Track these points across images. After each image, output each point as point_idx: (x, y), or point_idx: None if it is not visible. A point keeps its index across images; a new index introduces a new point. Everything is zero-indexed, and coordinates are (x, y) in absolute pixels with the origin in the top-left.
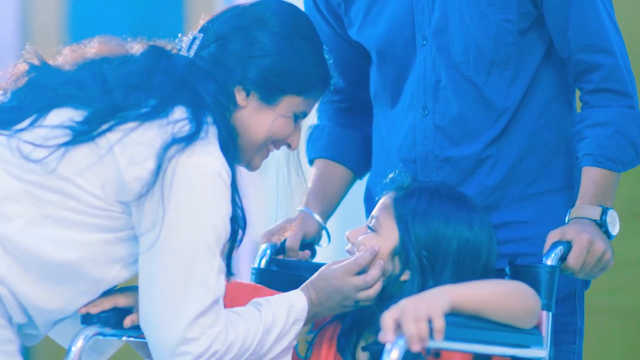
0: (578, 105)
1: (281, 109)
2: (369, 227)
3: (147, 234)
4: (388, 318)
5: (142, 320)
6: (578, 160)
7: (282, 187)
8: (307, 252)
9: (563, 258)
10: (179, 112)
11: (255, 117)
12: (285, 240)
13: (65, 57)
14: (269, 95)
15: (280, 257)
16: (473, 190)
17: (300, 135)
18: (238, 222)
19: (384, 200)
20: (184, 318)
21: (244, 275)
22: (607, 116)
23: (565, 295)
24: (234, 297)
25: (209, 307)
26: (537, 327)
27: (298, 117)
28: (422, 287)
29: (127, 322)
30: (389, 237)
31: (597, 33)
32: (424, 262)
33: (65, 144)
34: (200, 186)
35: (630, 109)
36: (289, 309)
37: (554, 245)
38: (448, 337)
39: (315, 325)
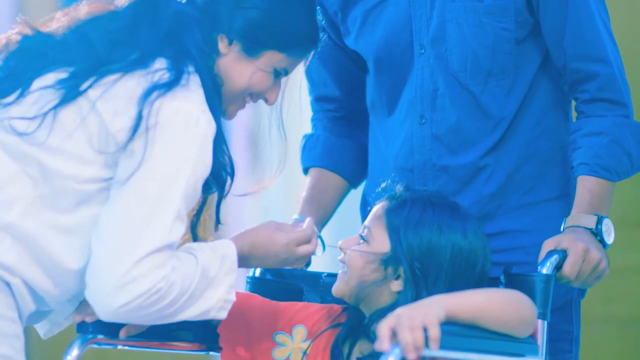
0: (574, 115)
1: (261, 63)
2: (361, 237)
3: (124, 173)
4: (384, 327)
5: (94, 249)
6: (573, 170)
7: (263, 142)
8: None
9: (558, 267)
10: (160, 63)
11: (235, 67)
12: None
13: (58, 22)
14: (252, 47)
15: None
16: (470, 199)
17: (279, 91)
18: (226, 170)
19: (376, 209)
20: (137, 253)
21: (239, 284)
22: (603, 125)
23: (562, 304)
24: None
25: (162, 248)
26: (533, 336)
27: (279, 74)
28: (416, 298)
29: (123, 333)
30: (381, 247)
31: (593, 43)
32: (417, 273)
33: (54, 107)
34: (178, 131)
35: (626, 119)
36: (222, 257)
37: (549, 254)
38: (444, 346)
39: (310, 334)
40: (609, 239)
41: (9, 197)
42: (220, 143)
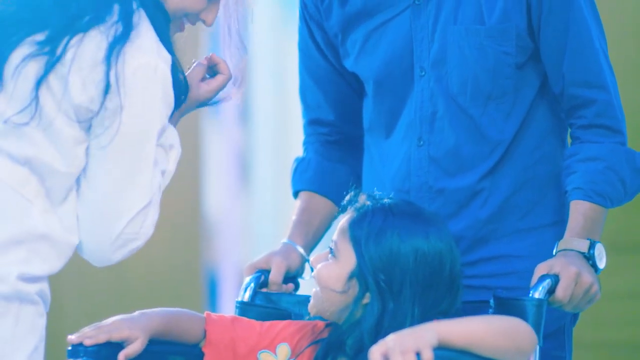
0: (569, 142)
1: None
2: (330, 251)
3: (99, 137)
4: (375, 352)
5: (84, 214)
6: (567, 194)
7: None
8: (291, 285)
9: (550, 291)
10: (113, 14)
11: None
12: (268, 274)
13: None
14: None
15: (264, 290)
16: (466, 222)
17: (216, 12)
18: (180, 88)
19: (341, 222)
20: (127, 215)
21: (229, 309)
22: (599, 151)
23: (555, 330)
24: (212, 333)
25: (148, 203)
26: None
27: None
28: (383, 310)
29: (121, 356)
30: (347, 261)
31: (592, 69)
32: (381, 284)
33: (37, 88)
34: (141, 87)
35: (622, 146)
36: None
37: (542, 278)
38: None
39: (294, 352)
40: (601, 263)
41: (29, 196)
42: (175, 69)
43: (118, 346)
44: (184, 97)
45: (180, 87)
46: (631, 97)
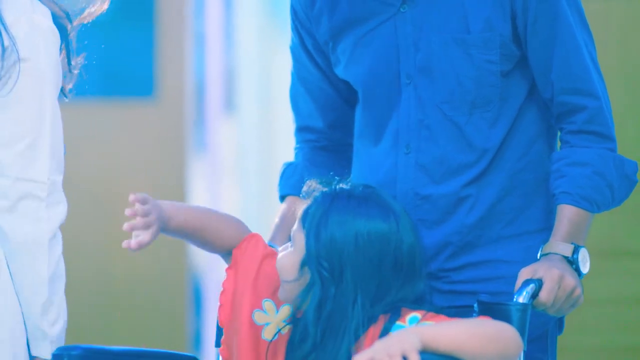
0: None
1: None
2: (289, 240)
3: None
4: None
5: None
6: (554, 197)
7: None
8: None
9: (534, 295)
10: None
11: None
12: None
13: None
14: None
15: None
16: (452, 228)
17: None
18: (62, 33)
19: (298, 211)
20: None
21: (215, 315)
22: (588, 156)
23: (539, 335)
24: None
25: (52, 178)
26: None
27: None
28: (324, 296)
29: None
30: (300, 249)
31: (580, 77)
32: (322, 271)
33: None
34: (31, 48)
35: (611, 152)
36: None
37: (526, 283)
38: None
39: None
40: (585, 268)
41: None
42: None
43: (103, 352)
44: (70, 25)
45: (62, 33)
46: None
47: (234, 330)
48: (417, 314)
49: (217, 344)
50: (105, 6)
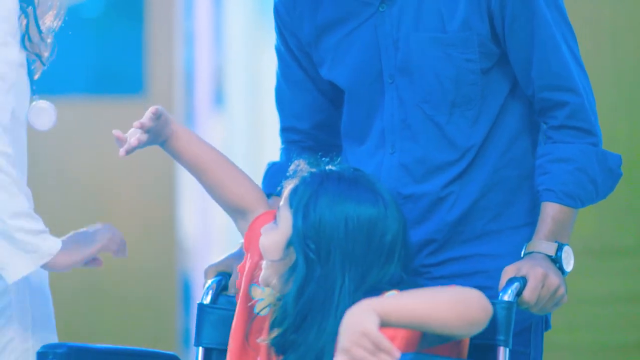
0: None
1: None
2: (274, 222)
3: None
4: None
5: None
6: (538, 194)
7: None
8: None
9: (519, 294)
10: None
11: None
12: (229, 277)
13: None
14: None
15: (224, 293)
16: (433, 226)
17: None
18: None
19: (285, 190)
20: None
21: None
22: (571, 152)
23: (521, 329)
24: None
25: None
26: None
27: None
28: (309, 276)
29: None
30: (286, 228)
31: (561, 74)
32: (308, 253)
33: None
34: None
35: (594, 147)
36: None
37: (510, 281)
38: None
39: None
40: (568, 266)
41: None
42: None
43: (87, 350)
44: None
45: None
46: (612, 100)
47: None
48: (393, 291)
49: (196, 343)
50: None
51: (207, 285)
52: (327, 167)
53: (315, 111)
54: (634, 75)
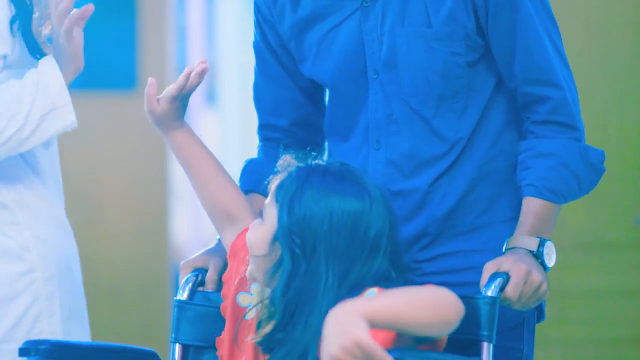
0: None
1: None
2: (260, 216)
3: None
4: None
5: None
6: (520, 189)
7: None
8: None
9: (501, 289)
10: None
11: None
12: (205, 272)
13: None
14: None
15: (201, 289)
16: (423, 221)
17: None
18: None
19: (271, 185)
20: None
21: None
22: (553, 147)
23: (514, 324)
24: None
25: None
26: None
27: None
28: (294, 272)
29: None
30: (272, 223)
31: (543, 68)
32: (294, 248)
33: None
34: None
35: (576, 142)
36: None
37: (493, 276)
38: None
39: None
40: (550, 262)
41: None
42: None
43: (70, 346)
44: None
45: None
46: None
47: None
48: (374, 289)
49: (174, 340)
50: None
51: (183, 281)
52: (313, 162)
53: (294, 108)
54: (625, 72)
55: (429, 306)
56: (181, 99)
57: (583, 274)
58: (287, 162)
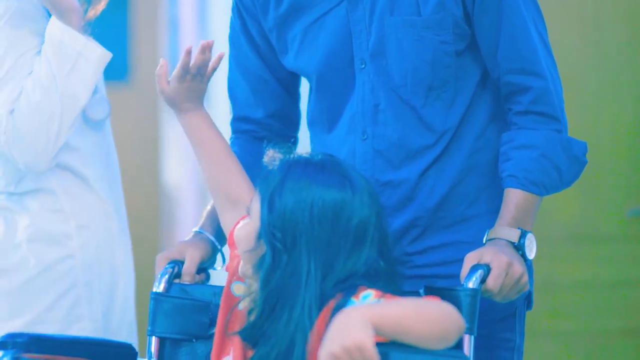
0: None
1: None
2: (248, 212)
3: None
4: None
5: None
6: (501, 181)
7: None
8: (202, 276)
9: (483, 281)
10: None
11: None
12: (181, 264)
13: None
14: None
15: (177, 281)
16: (414, 213)
17: None
18: None
19: (258, 180)
20: None
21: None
22: (534, 139)
23: (506, 315)
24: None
25: None
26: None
27: None
28: (275, 265)
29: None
30: (257, 219)
31: (527, 56)
32: (275, 243)
33: None
34: None
35: (558, 133)
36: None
37: (474, 268)
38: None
39: None
40: (531, 254)
41: None
42: None
43: (47, 339)
44: None
45: None
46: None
47: None
48: (370, 291)
49: (150, 333)
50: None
51: (159, 273)
52: (296, 154)
53: (271, 100)
54: (618, 63)
55: (435, 321)
56: (193, 79)
57: (574, 266)
58: (271, 156)
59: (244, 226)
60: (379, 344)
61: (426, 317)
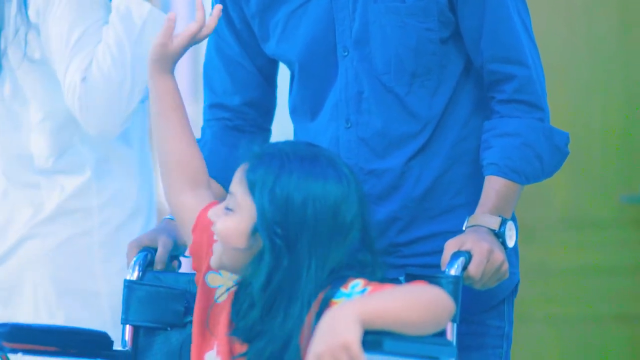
0: None
1: None
2: (226, 208)
3: None
4: None
5: None
6: (482, 169)
7: None
8: (175, 263)
9: (463, 268)
10: None
11: None
12: (154, 252)
13: None
14: None
15: (150, 269)
16: (399, 202)
17: None
18: None
19: (237, 173)
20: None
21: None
22: (517, 127)
23: (496, 303)
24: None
25: None
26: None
27: None
28: (276, 264)
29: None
30: (248, 214)
31: (510, 45)
32: (276, 241)
33: None
34: None
35: (541, 122)
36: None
37: (456, 255)
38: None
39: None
40: (510, 242)
41: None
42: None
43: (28, 329)
44: None
45: None
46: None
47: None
48: (359, 281)
49: (124, 321)
50: None
51: (133, 260)
52: (281, 146)
53: (249, 88)
54: (607, 53)
55: (426, 307)
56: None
57: (567, 252)
58: (248, 149)
59: (228, 220)
60: (372, 332)
61: (416, 305)
